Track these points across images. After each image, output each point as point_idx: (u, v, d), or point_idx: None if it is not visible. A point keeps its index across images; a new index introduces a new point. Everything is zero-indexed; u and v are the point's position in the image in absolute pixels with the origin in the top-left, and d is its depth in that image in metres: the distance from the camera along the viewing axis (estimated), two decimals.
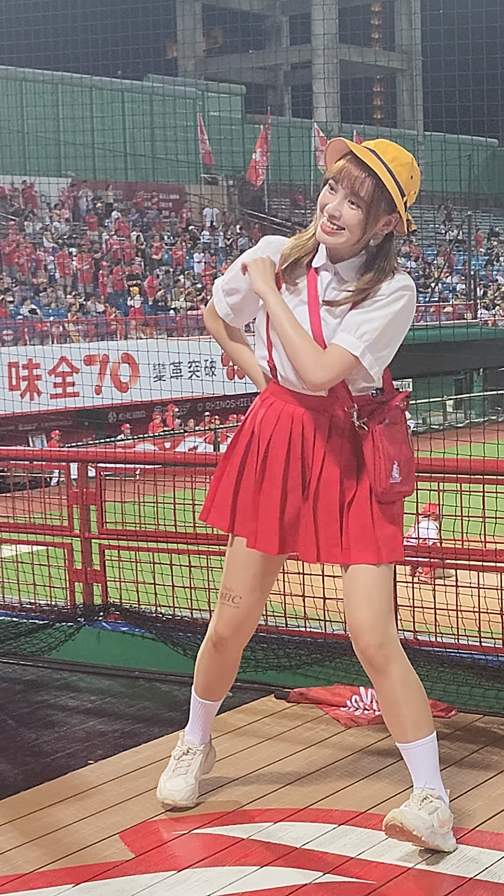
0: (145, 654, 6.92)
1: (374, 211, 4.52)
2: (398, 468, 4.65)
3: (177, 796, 5.07)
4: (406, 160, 4.55)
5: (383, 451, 4.64)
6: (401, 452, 4.67)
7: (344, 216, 4.53)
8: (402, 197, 4.52)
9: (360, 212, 4.52)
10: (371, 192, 4.50)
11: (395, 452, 4.65)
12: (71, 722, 6.25)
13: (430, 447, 8.08)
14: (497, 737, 5.72)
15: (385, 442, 4.65)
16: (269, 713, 6.16)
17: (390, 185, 4.50)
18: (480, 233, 60.93)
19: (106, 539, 7.24)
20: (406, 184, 4.54)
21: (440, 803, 4.61)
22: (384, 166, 4.49)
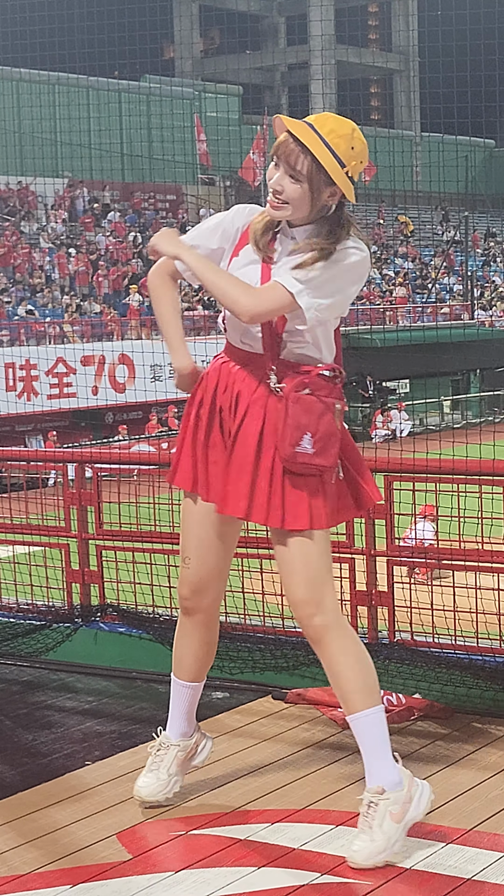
0: (142, 655, 6.92)
1: (315, 184, 4.55)
2: (311, 440, 4.62)
3: (143, 792, 5.11)
4: (345, 131, 4.57)
5: (292, 419, 4.64)
6: (317, 424, 4.63)
7: (286, 191, 4.58)
8: (341, 167, 4.54)
9: (300, 186, 4.57)
10: (308, 166, 4.54)
11: (307, 422, 4.62)
12: (68, 723, 6.25)
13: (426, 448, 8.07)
14: (494, 737, 5.72)
15: (297, 409, 4.64)
16: (267, 714, 6.15)
17: (325, 158, 4.53)
18: (477, 234, 60.92)
19: (103, 540, 7.24)
20: (346, 154, 4.55)
21: (386, 799, 4.61)
22: (320, 140, 4.53)
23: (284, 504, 4.69)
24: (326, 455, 4.66)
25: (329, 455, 4.67)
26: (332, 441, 4.67)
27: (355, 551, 6.45)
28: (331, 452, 4.67)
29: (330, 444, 4.66)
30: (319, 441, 4.63)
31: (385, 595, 6.38)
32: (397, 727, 5.86)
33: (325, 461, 4.66)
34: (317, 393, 4.66)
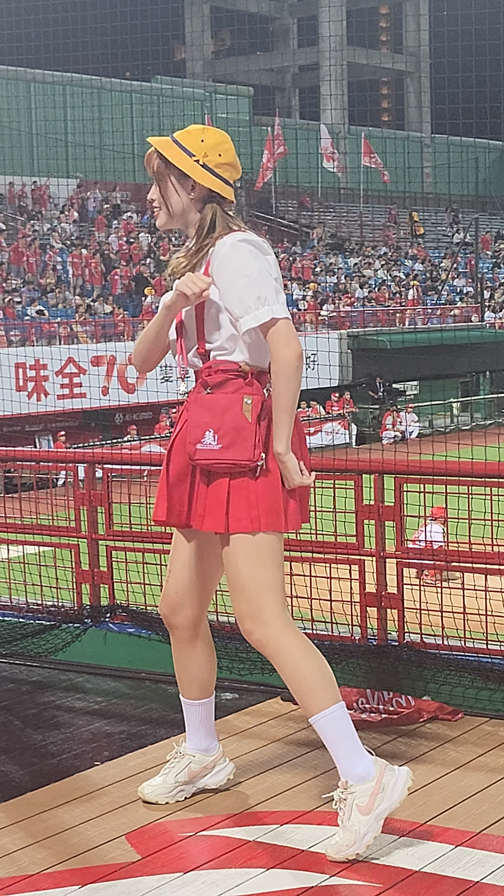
0: (152, 656, 6.92)
1: (168, 179, 4.82)
2: (215, 435, 4.66)
3: (145, 790, 5.17)
4: (194, 129, 4.86)
5: (192, 418, 4.74)
6: (220, 420, 4.68)
7: (154, 195, 4.89)
8: (190, 156, 4.78)
9: (157, 185, 4.87)
10: (158, 164, 4.85)
11: (208, 419, 4.69)
12: (77, 723, 6.25)
13: (435, 450, 8.08)
14: (503, 740, 5.71)
15: (195, 409, 4.74)
16: (276, 715, 6.16)
17: (168, 149, 4.80)
18: (487, 235, 60.88)
19: (113, 540, 7.24)
20: (194, 145, 4.80)
21: (352, 793, 4.63)
22: (170, 139, 4.86)
23: (206, 507, 4.75)
24: (238, 449, 4.66)
25: (242, 448, 4.66)
26: (244, 434, 4.67)
27: (365, 553, 6.45)
28: (243, 446, 4.66)
29: (240, 437, 4.66)
30: (226, 436, 4.66)
31: (395, 597, 6.37)
32: (407, 729, 5.86)
33: (238, 455, 4.66)
34: (220, 391, 4.71)
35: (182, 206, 4.83)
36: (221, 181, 4.81)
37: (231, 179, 4.84)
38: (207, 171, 4.78)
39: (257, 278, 4.62)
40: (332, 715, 4.71)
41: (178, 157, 4.79)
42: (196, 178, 4.77)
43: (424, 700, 6.05)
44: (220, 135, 4.87)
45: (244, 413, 4.67)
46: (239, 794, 5.23)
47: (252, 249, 4.69)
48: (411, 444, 29.68)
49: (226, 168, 4.82)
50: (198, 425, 4.71)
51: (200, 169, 4.77)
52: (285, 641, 4.73)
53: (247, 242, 4.70)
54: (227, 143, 4.85)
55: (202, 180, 4.77)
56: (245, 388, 4.71)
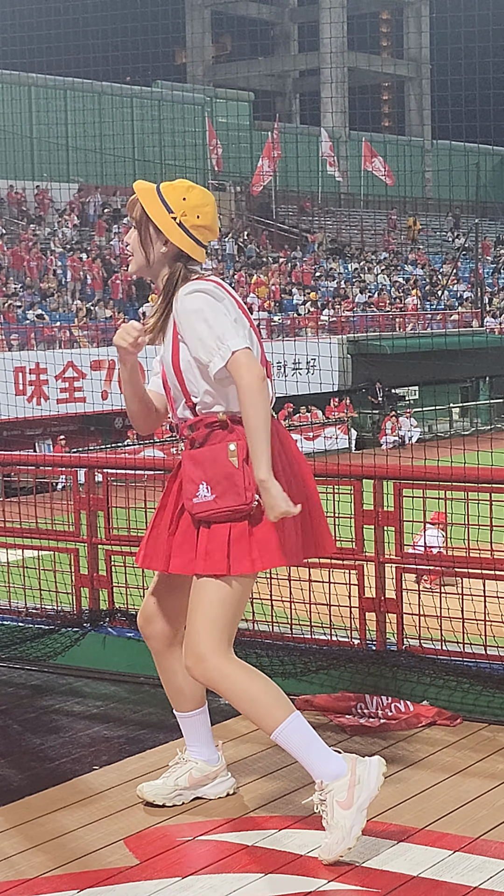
0: (151, 660, 6.84)
1: (146, 229, 4.88)
2: (208, 487, 4.76)
3: (144, 788, 5.21)
4: (181, 185, 4.90)
5: (185, 474, 4.85)
6: (211, 472, 4.77)
7: (131, 241, 4.96)
8: (168, 212, 4.82)
9: (134, 232, 4.93)
10: (139, 213, 4.90)
11: (200, 474, 4.79)
12: (76, 727, 6.25)
13: (435, 455, 8.07)
14: (502, 745, 5.71)
15: (187, 465, 4.84)
16: None
17: (148, 201, 4.85)
18: (488, 241, 60.91)
19: (112, 545, 7.24)
20: (175, 202, 4.84)
21: (330, 791, 4.65)
22: (154, 190, 4.88)
23: (171, 548, 4.90)
24: (232, 495, 4.73)
25: (236, 494, 4.73)
26: (234, 480, 4.74)
27: (364, 558, 6.45)
28: (236, 491, 4.73)
29: (232, 483, 4.74)
30: (218, 485, 4.75)
31: (393, 602, 6.37)
32: (406, 734, 5.87)
33: (233, 502, 4.73)
34: (207, 443, 4.80)
35: (153, 257, 4.89)
36: (194, 242, 4.86)
37: (205, 241, 4.90)
38: (182, 230, 4.83)
39: (213, 321, 4.68)
40: (290, 726, 4.74)
41: (156, 211, 4.84)
42: (169, 236, 4.83)
43: (423, 705, 6.05)
44: (204, 196, 4.90)
45: (230, 460, 4.75)
46: (237, 799, 5.23)
47: (204, 297, 4.74)
48: (411, 450, 29.68)
49: (202, 231, 4.87)
50: (191, 480, 4.81)
51: (176, 227, 4.83)
52: (225, 671, 4.78)
53: (199, 292, 4.76)
54: (209, 205, 4.89)
55: (175, 239, 4.83)
56: (228, 437, 4.79)
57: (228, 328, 4.67)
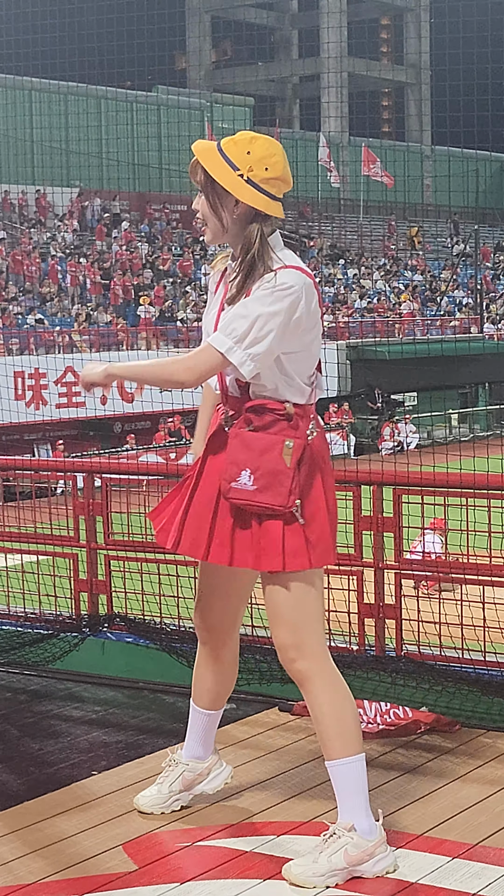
0: (149, 665, 6.92)
1: (213, 192, 4.57)
2: (251, 476, 4.54)
3: (140, 801, 5.18)
4: (243, 137, 4.56)
5: (230, 454, 4.60)
6: (258, 461, 4.55)
7: (200, 207, 4.64)
8: (234, 170, 4.50)
9: (202, 198, 4.62)
10: (203, 174, 4.59)
11: (245, 458, 4.56)
12: (75, 732, 6.25)
13: (434, 461, 8.08)
14: (501, 752, 5.71)
15: (235, 444, 4.60)
16: (273, 726, 6.15)
17: (209, 160, 4.53)
18: (487, 247, 60.95)
19: (111, 549, 7.24)
20: (239, 158, 4.51)
21: (350, 838, 4.56)
22: (215, 147, 4.57)
23: (259, 544, 4.62)
24: (273, 493, 4.54)
25: (277, 493, 4.54)
26: (280, 478, 4.55)
27: (364, 564, 6.45)
28: (279, 490, 4.54)
29: (276, 481, 4.54)
30: (262, 478, 4.54)
31: (393, 608, 6.37)
32: (404, 740, 5.86)
33: (272, 500, 4.55)
34: (263, 429, 4.59)
35: (226, 222, 4.59)
36: (267, 197, 4.52)
37: (279, 194, 4.56)
38: (252, 186, 4.50)
39: (250, 319, 4.46)
40: (353, 765, 4.64)
41: (220, 170, 4.51)
42: (238, 196, 4.51)
43: (422, 711, 6.05)
44: (269, 145, 4.56)
45: (283, 457, 4.55)
46: (236, 804, 5.23)
47: (281, 297, 4.46)
48: (410, 455, 29.70)
49: (273, 183, 4.53)
50: (235, 462, 4.58)
51: (244, 185, 4.49)
52: (327, 678, 4.67)
53: (284, 288, 4.47)
54: (275, 154, 4.54)
55: (245, 198, 4.50)
56: (288, 431, 4.58)
57: (247, 334, 4.45)
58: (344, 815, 4.64)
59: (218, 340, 4.50)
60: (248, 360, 4.48)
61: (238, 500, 4.58)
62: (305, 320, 4.53)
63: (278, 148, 4.58)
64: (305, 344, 4.60)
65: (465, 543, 6.35)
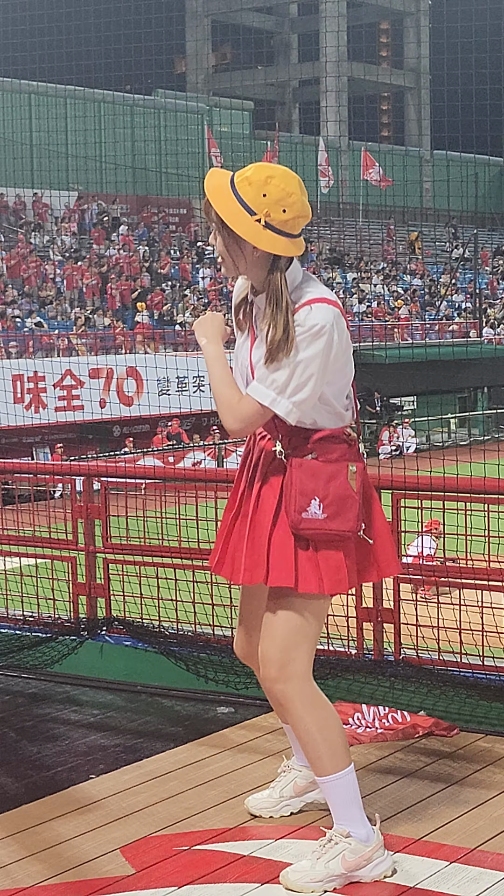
0: (148, 669, 6.93)
1: (230, 236, 4.41)
2: (320, 504, 4.50)
3: (250, 801, 5.16)
4: (258, 177, 4.36)
5: (296, 485, 4.52)
6: (326, 489, 4.51)
7: (216, 245, 4.51)
8: (250, 215, 4.33)
9: (219, 238, 4.47)
10: (216, 214, 4.43)
11: (313, 487, 4.51)
12: (73, 736, 6.25)
13: (431, 465, 8.08)
14: (499, 756, 5.71)
15: (300, 475, 4.53)
16: (271, 730, 6.15)
17: (222, 203, 4.37)
18: (487, 251, 60.96)
19: (110, 553, 7.24)
20: (255, 201, 4.33)
21: (347, 843, 4.57)
22: (229, 187, 4.39)
23: (269, 561, 4.60)
24: (342, 519, 4.53)
25: (346, 519, 4.53)
26: (348, 504, 4.53)
27: None
28: (347, 516, 4.53)
29: (345, 507, 4.53)
30: (331, 505, 4.51)
31: (391, 612, 6.37)
32: (402, 744, 5.87)
33: (342, 525, 4.53)
34: (324, 457, 4.56)
35: (246, 262, 4.45)
36: (287, 239, 4.38)
37: (298, 230, 4.41)
38: (271, 230, 4.34)
39: (290, 368, 4.39)
40: (342, 779, 4.63)
41: (236, 217, 4.34)
42: (257, 245, 4.35)
43: (420, 716, 6.05)
44: (285, 184, 4.36)
45: (349, 482, 4.53)
46: (234, 808, 5.23)
47: (316, 341, 4.39)
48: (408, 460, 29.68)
49: (292, 223, 4.38)
50: (303, 493, 4.51)
51: (262, 231, 4.33)
52: (307, 700, 4.64)
53: (317, 330, 4.39)
54: (293, 193, 4.35)
55: (264, 245, 4.35)
56: (349, 455, 4.58)
57: (294, 384, 4.39)
58: (340, 825, 4.64)
59: (260, 393, 4.44)
60: (294, 409, 4.45)
61: (310, 531, 4.53)
62: (342, 353, 4.51)
63: (295, 184, 4.39)
64: (345, 372, 4.60)
65: (465, 549, 6.36)
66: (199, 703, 6.59)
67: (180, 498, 7.11)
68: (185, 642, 6.79)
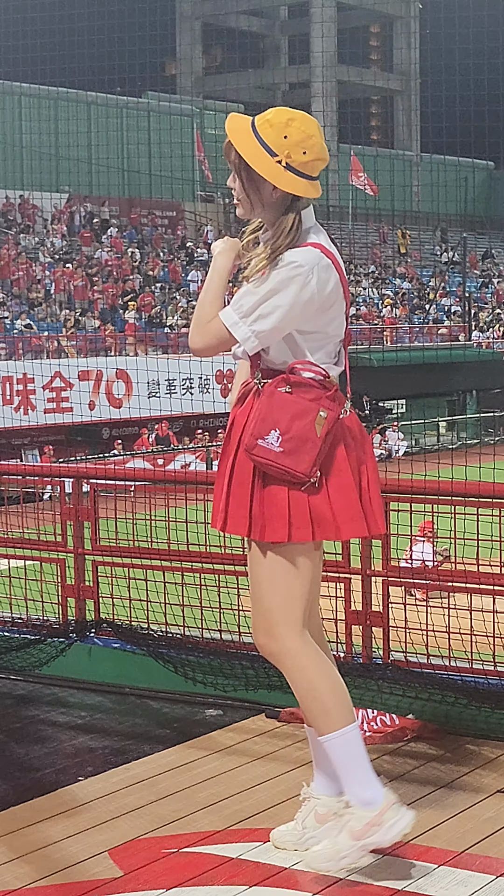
0: (136, 671, 6.92)
1: (249, 176, 4.47)
2: (279, 437, 4.43)
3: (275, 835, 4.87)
4: (279, 119, 4.44)
5: (261, 411, 4.49)
6: (289, 424, 4.44)
7: (235, 186, 4.55)
8: (272, 156, 4.40)
9: (237, 179, 4.53)
10: (236, 158, 4.49)
11: (277, 418, 4.45)
12: (61, 738, 6.24)
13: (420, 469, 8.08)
14: (487, 759, 5.71)
15: (268, 402, 4.49)
16: (259, 732, 6.15)
17: (244, 145, 4.43)
18: (475, 255, 61.02)
19: (99, 555, 7.23)
20: (276, 143, 4.40)
21: (352, 813, 4.55)
22: (250, 129, 4.45)
23: (256, 513, 4.53)
24: (296, 459, 4.44)
25: (300, 460, 4.44)
26: (307, 447, 4.45)
27: (351, 571, 6.45)
28: (302, 457, 4.44)
29: (303, 448, 4.44)
30: (290, 441, 4.44)
31: (380, 615, 6.37)
32: (391, 747, 5.86)
33: (295, 465, 4.44)
34: (299, 394, 4.51)
35: (262, 204, 4.49)
36: (306, 180, 4.44)
37: (316, 173, 4.47)
38: (291, 171, 4.41)
39: (259, 296, 4.41)
40: (343, 737, 4.58)
41: (257, 156, 4.40)
42: (277, 184, 4.41)
43: (408, 719, 6.05)
44: (306, 126, 4.42)
45: (315, 425, 4.46)
46: (222, 810, 5.22)
47: (291, 276, 4.40)
48: (398, 463, 29.70)
49: (311, 164, 4.44)
50: (265, 420, 4.46)
51: (283, 171, 4.40)
52: (301, 658, 4.60)
53: (293, 266, 4.41)
54: (313, 135, 4.42)
55: (284, 185, 4.41)
56: (325, 401, 4.50)
57: (255, 308, 4.40)
58: (342, 793, 4.62)
59: (226, 314, 4.45)
60: (252, 337, 4.44)
61: (260, 458, 4.47)
62: (318, 300, 4.46)
63: (315, 126, 4.46)
64: (321, 325, 4.53)
65: (455, 552, 6.36)
66: (188, 706, 6.59)
67: (169, 500, 7.10)
68: (173, 645, 6.79)
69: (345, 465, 4.56)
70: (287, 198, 4.48)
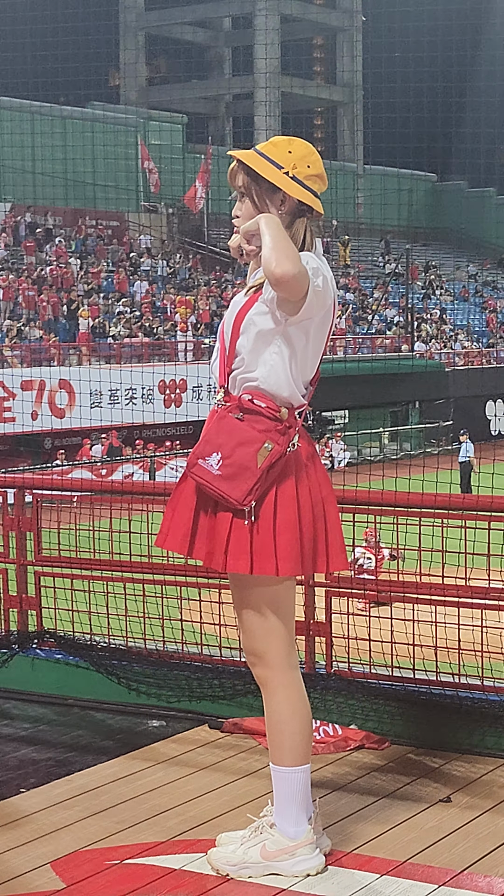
0: (80, 683, 6.89)
1: (259, 193, 4.62)
2: (220, 461, 4.51)
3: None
4: (280, 140, 4.66)
5: (210, 433, 4.58)
6: (232, 450, 4.51)
7: (239, 212, 4.69)
8: (278, 168, 4.58)
9: (245, 201, 4.67)
10: (244, 178, 4.65)
11: (221, 442, 4.53)
12: (4, 749, 6.21)
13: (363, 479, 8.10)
14: (429, 769, 5.73)
15: (217, 426, 4.57)
16: (203, 743, 6.15)
17: (254, 161, 4.60)
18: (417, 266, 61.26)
19: (41, 566, 7.21)
20: (282, 157, 4.60)
21: (271, 834, 4.65)
22: (255, 151, 4.65)
23: (228, 545, 4.58)
24: (233, 485, 4.50)
25: (236, 487, 4.50)
26: (246, 475, 4.50)
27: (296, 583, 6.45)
28: (239, 486, 4.50)
29: (242, 476, 4.50)
30: (229, 466, 4.50)
31: (323, 625, 6.38)
32: (333, 758, 5.87)
33: (230, 491, 4.50)
34: (250, 422, 4.55)
35: None
36: (311, 193, 4.62)
37: (319, 191, 4.66)
38: (298, 183, 4.59)
39: None
40: (291, 775, 4.67)
41: (267, 169, 4.59)
42: (288, 192, 4.58)
43: (351, 729, 6.07)
44: (307, 146, 4.67)
45: (258, 455, 4.50)
46: (165, 821, 5.21)
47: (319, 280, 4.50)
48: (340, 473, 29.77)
49: (314, 180, 4.63)
50: (210, 442, 4.55)
51: (291, 181, 4.58)
52: (285, 687, 4.68)
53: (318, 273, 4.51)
54: (314, 154, 4.66)
55: (294, 193, 4.58)
56: (273, 434, 4.53)
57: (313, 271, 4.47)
58: (271, 816, 4.70)
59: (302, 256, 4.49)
60: (313, 295, 4.49)
61: (198, 478, 4.54)
62: (324, 297, 4.53)
63: (312, 148, 4.68)
64: (311, 337, 4.60)
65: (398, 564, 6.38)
66: (131, 717, 6.58)
67: (112, 511, 7.08)
68: (116, 656, 6.77)
69: (291, 502, 4.60)
70: (295, 212, 4.62)
